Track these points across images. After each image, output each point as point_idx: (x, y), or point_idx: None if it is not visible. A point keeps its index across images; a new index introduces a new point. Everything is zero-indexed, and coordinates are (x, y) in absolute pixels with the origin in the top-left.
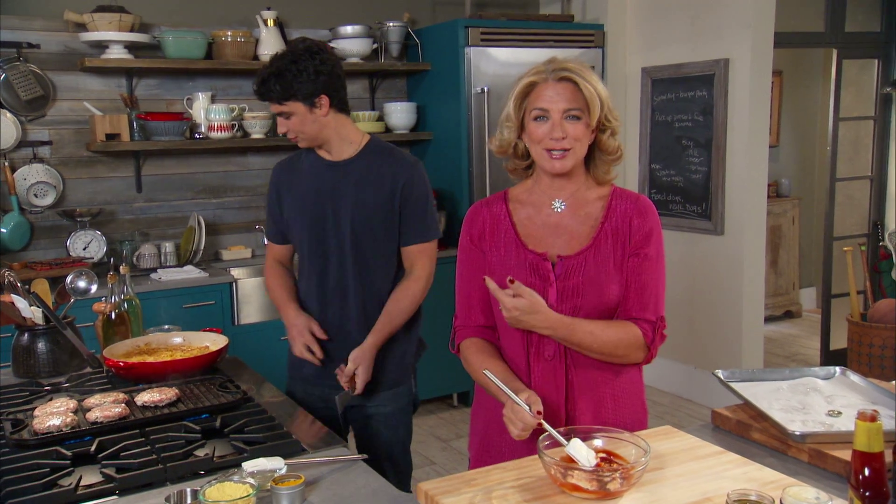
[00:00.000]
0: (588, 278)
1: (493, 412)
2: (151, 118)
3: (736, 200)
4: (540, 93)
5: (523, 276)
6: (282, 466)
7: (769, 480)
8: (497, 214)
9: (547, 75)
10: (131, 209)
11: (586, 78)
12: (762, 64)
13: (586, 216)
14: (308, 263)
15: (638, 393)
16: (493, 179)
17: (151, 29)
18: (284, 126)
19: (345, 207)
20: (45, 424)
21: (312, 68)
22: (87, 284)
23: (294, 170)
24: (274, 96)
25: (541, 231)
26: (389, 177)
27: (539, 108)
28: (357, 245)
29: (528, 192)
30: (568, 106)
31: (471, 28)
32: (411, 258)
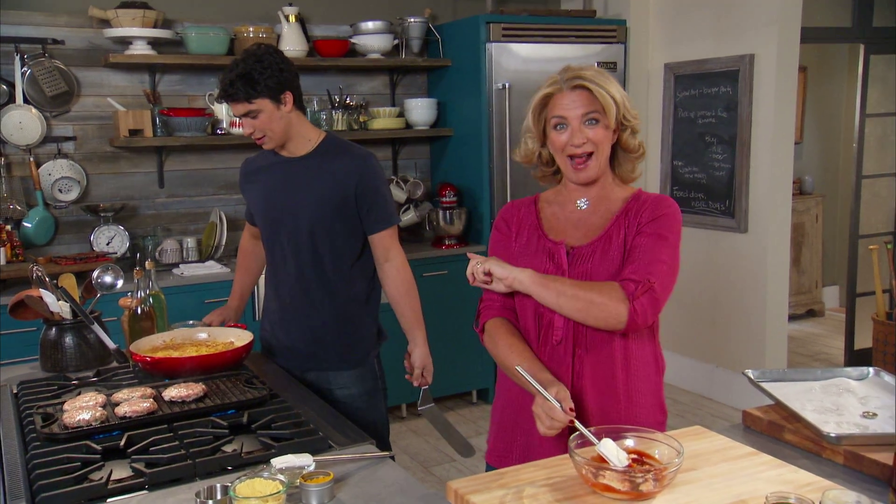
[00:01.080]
0: (596, 266)
1: (511, 402)
2: (174, 114)
3: (760, 198)
4: (557, 102)
5: (540, 261)
6: (310, 463)
7: (805, 483)
8: (528, 212)
9: (561, 84)
10: (154, 204)
11: (599, 83)
12: (788, 59)
13: (606, 212)
14: (269, 255)
15: (655, 392)
16: (513, 176)
17: (174, 25)
18: (251, 126)
19: (301, 202)
20: (74, 419)
21: (276, 66)
22: (113, 279)
23: (256, 167)
24: (242, 96)
25: (562, 224)
26: (342, 171)
27: (557, 116)
28: (313, 237)
29: (555, 194)
30: (585, 110)
31: (492, 24)
32: (384, 244)
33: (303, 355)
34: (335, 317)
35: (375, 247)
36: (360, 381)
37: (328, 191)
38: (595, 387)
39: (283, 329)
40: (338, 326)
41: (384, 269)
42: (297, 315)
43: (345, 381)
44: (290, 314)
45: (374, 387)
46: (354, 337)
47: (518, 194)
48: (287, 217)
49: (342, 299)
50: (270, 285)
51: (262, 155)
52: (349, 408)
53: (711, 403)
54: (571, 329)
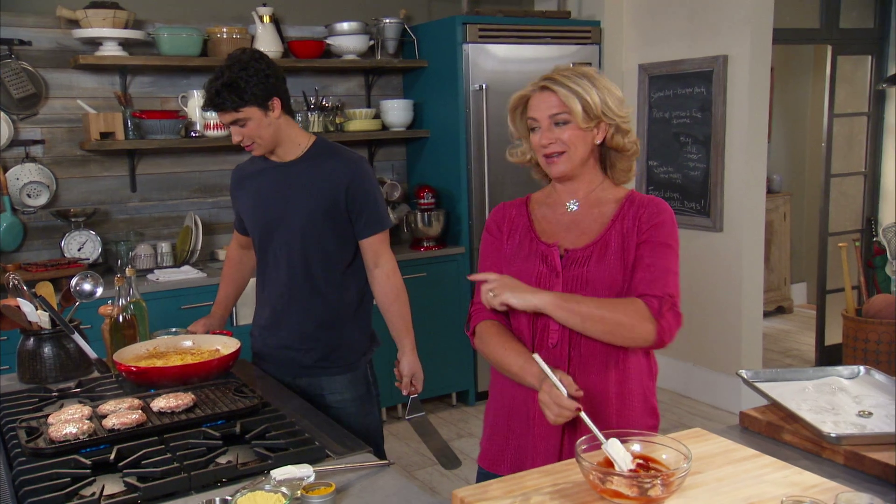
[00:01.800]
0: (592, 271)
1: (505, 407)
2: (147, 116)
3: (735, 197)
4: (531, 104)
5: (533, 264)
6: (310, 474)
7: (811, 485)
8: (519, 213)
9: (533, 87)
10: (126, 209)
11: (566, 84)
12: (761, 60)
13: (599, 214)
14: (260, 260)
15: (648, 397)
16: (491, 177)
17: (145, 25)
18: (240, 134)
19: (294, 206)
20: (61, 432)
21: (262, 73)
22: (92, 287)
23: (247, 173)
24: (229, 105)
25: (554, 227)
26: (333, 175)
27: (530, 117)
28: (304, 242)
29: (546, 195)
30: (553, 111)
31: (469, 25)
32: (374, 249)
33: (294, 361)
34: (326, 322)
35: (365, 251)
36: (352, 386)
37: (319, 195)
38: (588, 389)
39: (274, 335)
40: (329, 331)
41: (374, 274)
42: (288, 320)
43: (337, 386)
44: (281, 319)
45: (366, 392)
46: (346, 342)
47: (496, 195)
48: (278, 222)
49: (334, 304)
50: (261, 291)
51: (253, 161)
52: (342, 413)
53: (688, 401)
54: (567, 333)
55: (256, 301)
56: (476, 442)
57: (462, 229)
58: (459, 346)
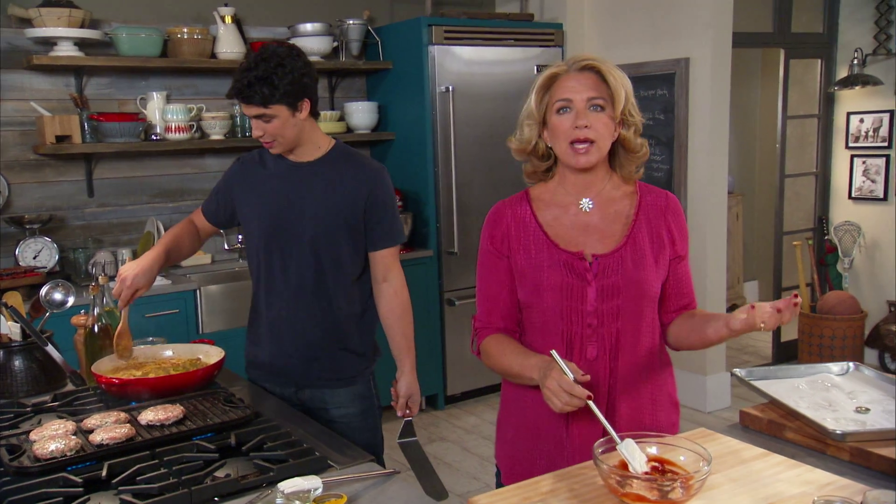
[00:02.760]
0: (627, 276)
1: (523, 417)
2: (105, 119)
3: (698, 197)
4: (562, 83)
5: (559, 275)
6: (319, 485)
7: (825, 482)
8: (521, 216)
9: (568, 66)
10: (83, 215)
11: (610, 68)
12: (722, 63)
13: (616, 214)
14: (264, 263)
15: (672, 394)
16: (459, 179)
17: (102, 25)
18: (261, 129)
19: (309, 209)
20: (46, 449)
21: (298, 71)
22: (63, 296)
23: (257, 167)
24: (258, 100)
25: (570, 231)
26: (355, 182)
27: (562, 98)
28: (318, 248)
29: (551, 193)
30: (592, 94)
31: (434, 26)
32: (385, 262)
33: (296, 372)
34: (332, 332)
35: (376, 264)
36: (356, 399)
37: (338, 201)
38: (628, 398)
39: (276, 344)
40: (334, 342)
41: (381, 288)
42: (293, 329)
43: (341, 399)
44: (285, 328)
45: (370, 405)
46: (350, 353)
47: (463, 197)
48: (292, 224)
49: (341, 314)
50: (262, 296)
51: (263, 156)
52: (346, 428)
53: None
54: (607, 345)
55: (253, 307)
56: (447, 446)
57: (430, 232)
58: (429, 349)
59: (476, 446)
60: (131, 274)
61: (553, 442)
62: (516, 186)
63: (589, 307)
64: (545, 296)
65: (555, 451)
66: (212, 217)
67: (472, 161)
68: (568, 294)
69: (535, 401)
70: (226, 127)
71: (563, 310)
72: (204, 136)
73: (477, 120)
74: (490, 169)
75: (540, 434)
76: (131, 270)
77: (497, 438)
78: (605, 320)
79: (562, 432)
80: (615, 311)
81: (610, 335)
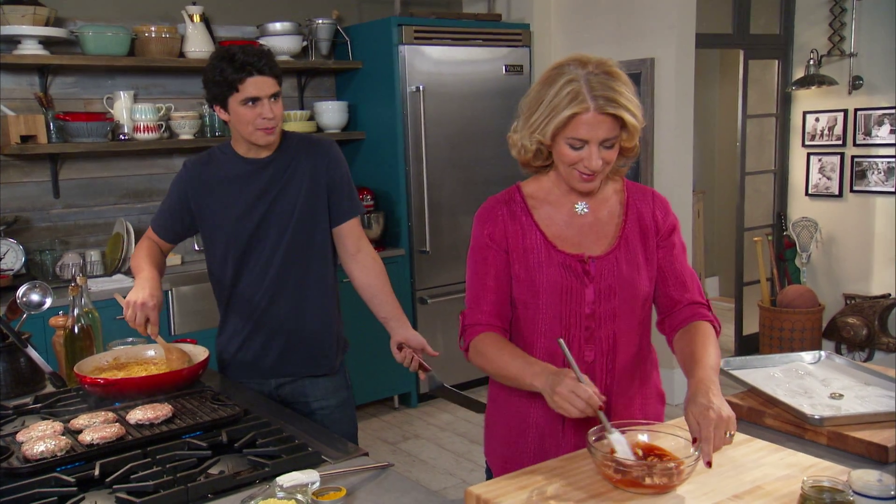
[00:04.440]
0: (621, 278)
1: (514, 415)
2: (72, 118)
3: (663, 195)
4: (580, 122)
5: (558, 277)
6: (317, 479)
7: (808, 465)
8: (516, 213)
9: (589, 104)
10: (49, 216)
11: (631, 109)
12: (686, 63)
13: (609, 214)
14: (242, 266)
15: (658, 387)
16: (430, 178)
17: (67, 23)
18: (271, 111)
19: (275, 199)
20: (36, 450)
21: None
22: (41, 297)
23: (210, 169)
24: (276, 69)
25: (567, 231)
26: (314, 166)
27: (578, 139)
28: (295, 239)
29: (545, 192)
30: (607, 136)
31: (404, 26)
32: (354, 234)
33: (276, 367)
34: (312, 320)
35: (345, 237)
36: (335, 391)
37: (304, 186)
38: (622, 399)
39: (258, 339)
40: (314, 330)
41: (357, 259)
42: (272, 323)
43: (321, 392)
44: (267, 319)
45: (347, 397)
46: (329, 341)
47: (435, 196)
48: (264, 219)
49: (318, 302)
50: (237, 294)
51: (212, 161)
52: (327, 419)
53: None
54: (605, 348)
55: (225, 305)
56: (422, 443)
57: (401, 231)
58: None
59: (450, 443)
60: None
61: (549, 440)
62: (488, 185)
63: (587, 310)
64: (543, 297)
65: (550, 449)
66: (167, 235)
67: (443, 160)
68: (567, 297)
69: (528, 401)
70: (195, 126)
71: (561, 313)
72: (173, 135)
73: (447, 119)
74: (461, 168)
75: (534, 432)
76: (144, 297)
77: (486, 437)
78: (602, 323)
79: (557, 429)
80: (611, 314)
81: (607, 338)
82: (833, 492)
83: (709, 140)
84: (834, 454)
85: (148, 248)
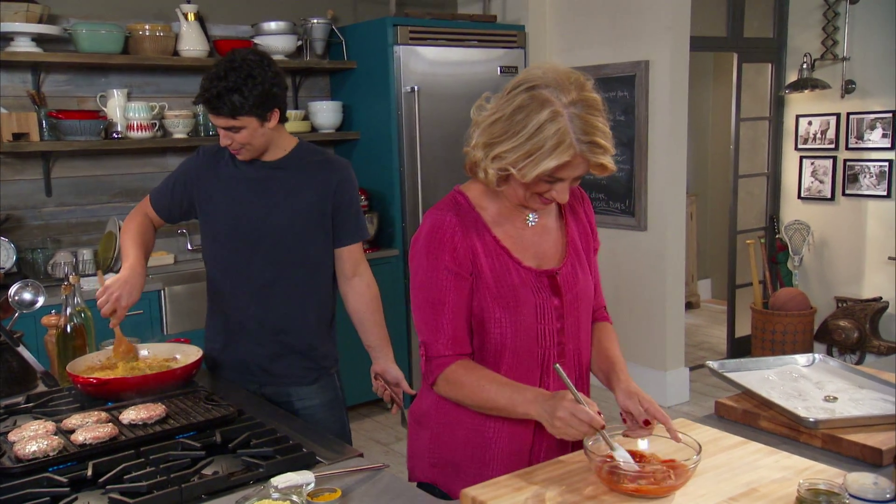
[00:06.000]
0: (580, 286)
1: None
2: (65, 116)
3: (657, 197)
4: (561, 167)
5: (528, 293)
6: (311, 480)
7: (803, 467)
8: (471, 227)
9: (576, 148)
10: (41, 214)
11: (609, 148)
12: (680, 66)
13: (554, 220)
14: (230, 262)
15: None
16: (424, 179)
17: (60, 21)
18: (229, 139)
19: (277, 205)
20: (28, 450)
21: (268, 82)
22: (33, 296)
23: (221, 161)
24: (227, 111)
25: (523, 244)
26: (322, 181)
27: (556, 177)
28: (286, 246)
29: (497, 204)
30: (582, 173)
31: (399, 27)
32: (354, 258)
33: (261, 370)
34: (303, 330)
35: (344, 260)
36: (320, 392)
37: (308, 200)
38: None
39: (243, 341)
40: (304, 340)
41: (352, 283)
42: (261, 325)
43: (305, 393)
44: (253, 325)
45: (334, 397)
46: (318, 354)
47: (429, 197)
48: (262, 222)
49: (312, 314)
50: (225, 294)
51: (227, 155)
52: (310, 420)
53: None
54: (574, 367)
55: (214, 303)
56: None
57: (395, 231)
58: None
59: None
60: (125, 293)
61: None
62: None
63: (558, 325)
64: (516, 318)
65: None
66: (164, 212)
67: (437, 161)
68: (541, 314)
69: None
70: (189, 125)
71: (537, 332)
72: (167, 134)
73: (442, 120)
74: (455, 168)
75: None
76: (122, 289)
77: (433, 462)
78: (570, 336)
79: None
80: (576, 325)
81: (575, 351)
82: (829, 495)
83: (702, 143)
84: (828, 457)
85: (140, 224)
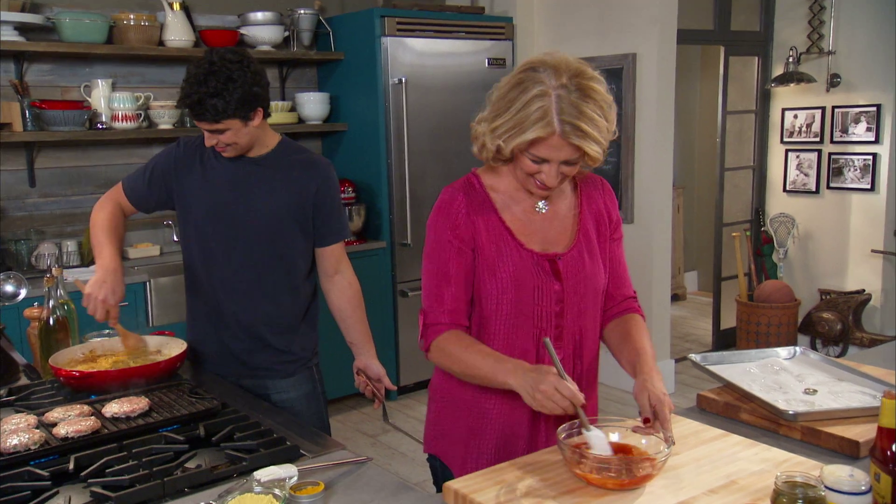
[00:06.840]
0: (585, 273)
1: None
2: (48, 107)
3: (644, 190)
4: (542, 145)
5: (530, 276)
6: (294, 474)
7: (782, 460)
8: (479, 206)
9: (555, 128)
10: (24, 205)
11: (594, 136)
12: (667, 59)
13: (568, 207)
14: (207, 254)
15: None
16: (412, 170)
17: (43, 9)
18: (214, 139)
19: (256, 204)
20: (9, 443)
21: (248, 84)
22: (16, 288)
23: (201, 154)
24: (210, 117)
25: (530, 228)
26: (303, 179)
27: (540, 158)
28: (268, 242)
29: (504, 185)
30: (568, 158)
31: (387, 18)
32: (335, 256)
33: (239, 362)
34: (279, 326)
35: (325, 259)
36: (297, 385)
37: (288, 197)
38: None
39: (220, 334)
40: (280, 335)
41: (334, 280)
42: (237, 320)
43: (282, 386)
44: (229, 319)
45: (312, 390)
46: (295, 347)
47: (416, 188)
48: (241, 218)
49: (288, 308)
50: (205, 287)
51: (208, 148)
52: (288, 412)
53: (602, 387)
54: (572, 348)
55: (193, 296)
56: (401, 436)
57: (383, 223)
58: (381, 340)
59: None
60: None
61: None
62: None
63: (556, 308)
64: (512, 296)
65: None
66: (139, 202)
67: (424, 153)
68: (540, 295)
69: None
70: (174, 116)
71: (533, 312)
72: (152, 125)
73: (429, 112)
74: (443, 160)
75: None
76: (103, 291)
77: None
78: (570, 320)
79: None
80: (579, 307)
81: (574, 336)
82: (806, 487)
83: (689, 136)
84: (807, 449)
85: (111, 214)
